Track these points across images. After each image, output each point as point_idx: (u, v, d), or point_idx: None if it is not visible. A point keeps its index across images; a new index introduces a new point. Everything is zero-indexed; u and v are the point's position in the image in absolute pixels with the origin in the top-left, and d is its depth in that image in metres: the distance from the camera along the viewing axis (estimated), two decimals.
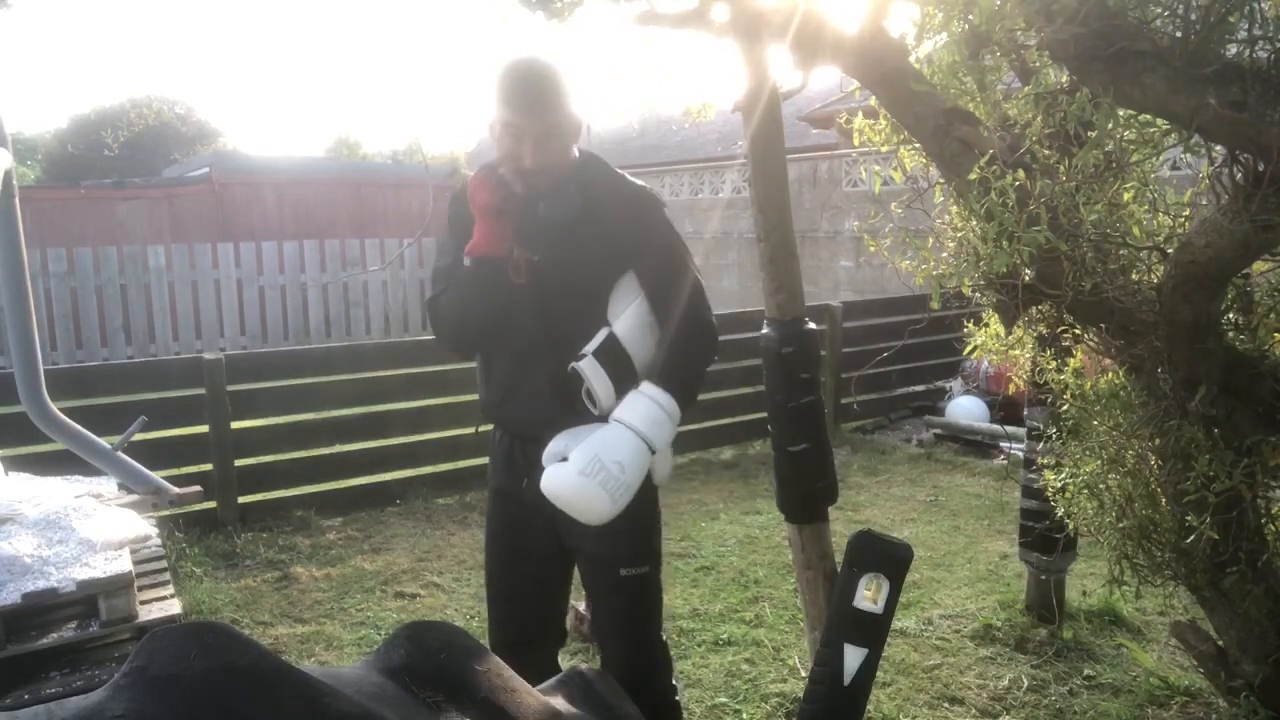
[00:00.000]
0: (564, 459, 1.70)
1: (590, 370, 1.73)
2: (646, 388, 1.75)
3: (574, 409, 1.78)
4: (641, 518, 1.87)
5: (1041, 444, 2.49)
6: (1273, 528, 1.97)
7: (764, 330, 2.14)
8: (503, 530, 1.97)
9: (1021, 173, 1.61)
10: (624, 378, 1.77)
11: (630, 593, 1.90)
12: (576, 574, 2.01)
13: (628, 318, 1.79)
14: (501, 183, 1.74)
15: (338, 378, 4.77)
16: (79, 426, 2.94)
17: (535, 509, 1.84)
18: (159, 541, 2.51)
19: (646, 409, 1.73)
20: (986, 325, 2.33)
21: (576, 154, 1.84)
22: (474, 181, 1.76)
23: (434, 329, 1.93)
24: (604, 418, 1.75)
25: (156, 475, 2.97)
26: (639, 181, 1.88)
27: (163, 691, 0.71)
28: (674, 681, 2.02)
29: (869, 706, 2.29)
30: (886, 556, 1.87)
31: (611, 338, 1.76)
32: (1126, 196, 1.81)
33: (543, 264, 1.78)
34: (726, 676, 2.96)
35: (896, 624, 3.13)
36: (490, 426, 2.00)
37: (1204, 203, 1.76)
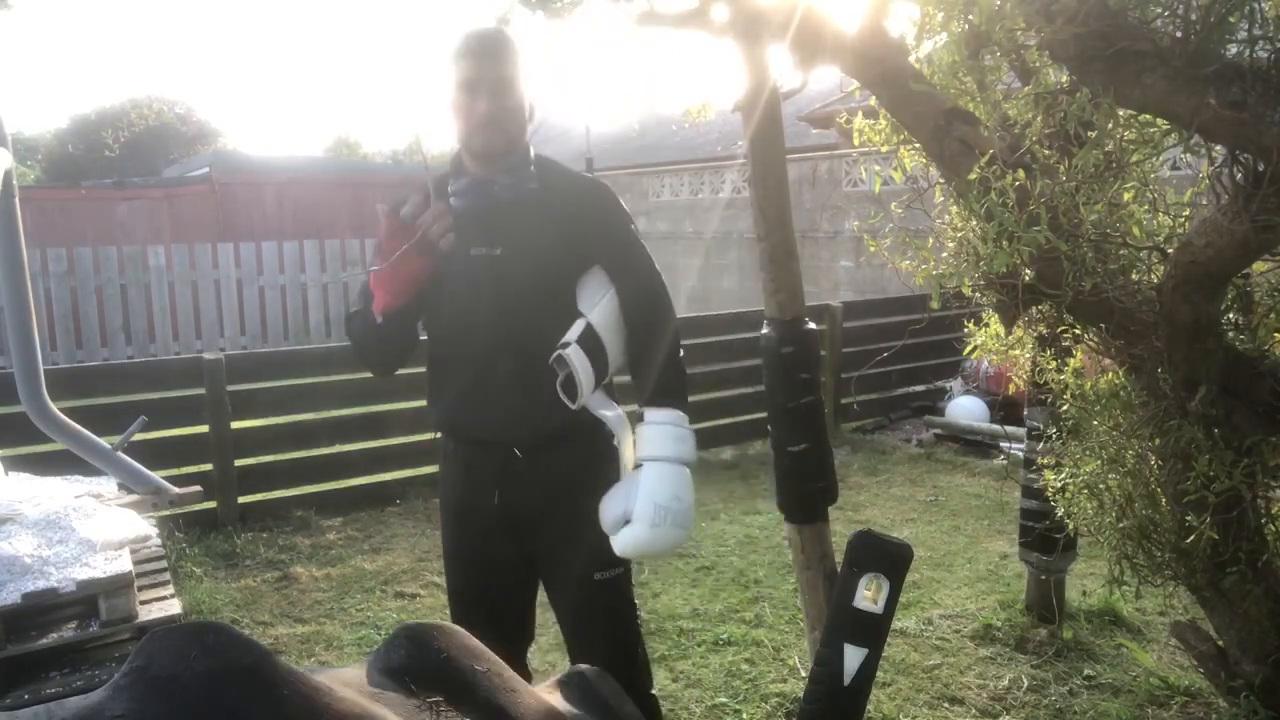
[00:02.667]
0: (627, 521, 1.71)
1: (577, 359, 1.71)
2: (652, 415, 1.77)
3: (542, 406, 1.75)
4: None
5: (1041, 444, 2.49)
6: (1273, 528, 1.97)
7: (764, 330, 2.14)
8: (467, 544, 1.90)
9: (1021, 173, 1.61)
10: (601, 370, 1.75)
11: (606, 596, 1.87)
12: None
13: (602, 309, 1.77)
14: (406, 228, 1.69)
15: (338, 378, 4.77)
16: (79, 426, 2.94)
17: (501, 520, 1.81)
18: (159, 541, 2.51)
19: (665, 435, 1.74)
20: (986, 325, 2.33)
21: (528, 150, 1.82)
22: (383, 228, 1.71)
23: (354, 350, 1.93)
24: (580, 409, 1.75)
25: (156, 475, 2.97)
26: (596, 179, 1.89)
27: (163, 691, 0.71)
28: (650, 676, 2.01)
29: (869, 706, 2.29)
30: (886, 556, 1.87)
31: (590, 328, 1.74)
32: (1126, 196, 1.81)
33: (503, 257, 1.75)
34: (726, 676, 2.96)
35: (896, 624, 3.13)
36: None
37: (1204, 203, 1.76)
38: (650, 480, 1.71)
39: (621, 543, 1.72)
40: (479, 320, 1.77)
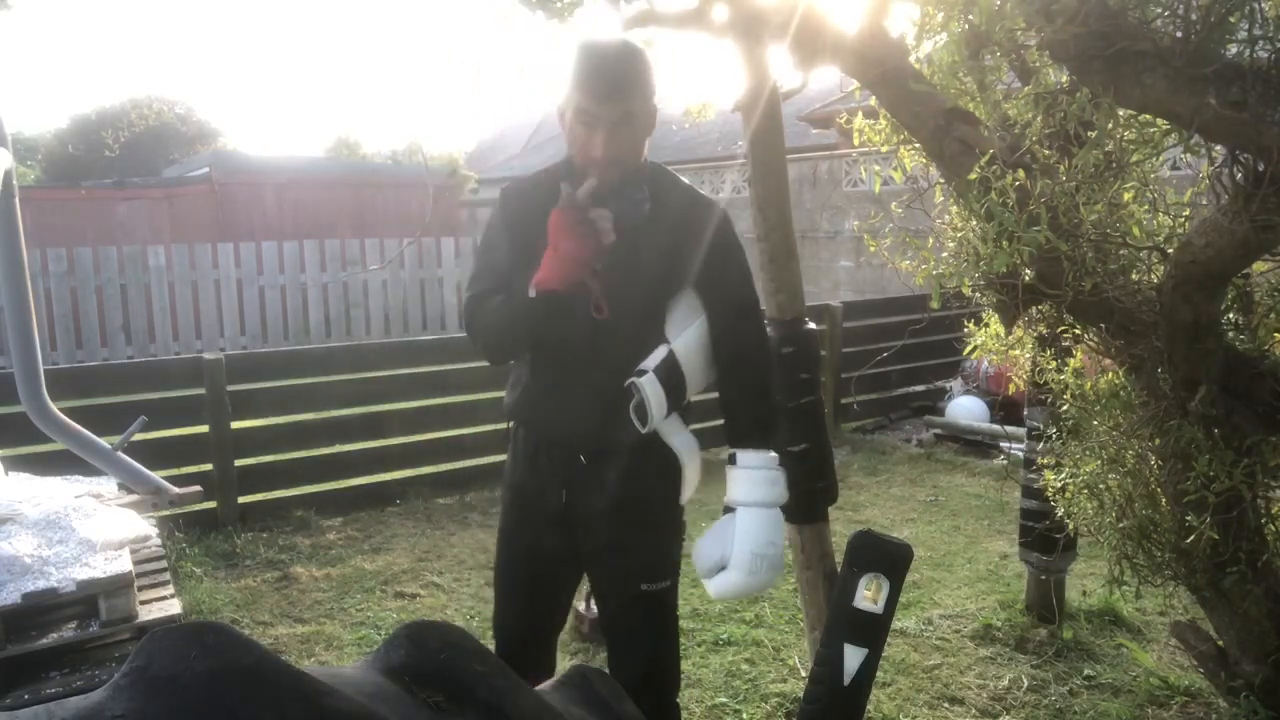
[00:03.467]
0: (722, 568, 1.74)
1: (650, 388, 1.69)
2: (744, 459, 1.76)
3: (618, 421, 1.73)
4: (664, 530, 1.86)
5: (1041, 444, 2.49)
6: (1273, 528, 1.97)
7: None
8: (520, 529, 1.90)
9: (1021, 173, 1.61)
10: (677, 398, 1.74)
11: (649, 608, 1.87)
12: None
13: (688, 338, 1.75)
14: (586, 218, 1.61)
15: (338, 378, 4.77)
16: (79, 426, 2.94)
17: (563, 516, 1.81)
18: (159, 541, 2.51)
19: (758, 480, 1.75)
20: (986, 325, 2.33)
21: (648, 153, 1.75)
22: (559, 214, 1.61)
23: (470, 335, 1.83)
24: (650, 433, 1.74)
25: (156, 475, 2.97)
26: (707, 194, 1.82)
27: (163, 691, 0.71)
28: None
29: (869, 706, 2.29)
30: (886, 556, 1.87)
31: (671, 356, 1.73)
32: (1126, 196, 1.81)
33: (606, 273, 1.69)
34: (726, 676, 2.96)
35: (896, 624, 3.13)
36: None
37: (1204, 203, 1.76)
38: (746, 527, 1.72)
39: (717, 588, 1.75)
40: (572, 329, 1.73)
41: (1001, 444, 5.72)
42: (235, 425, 4.44)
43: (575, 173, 1.72)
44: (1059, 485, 2.26)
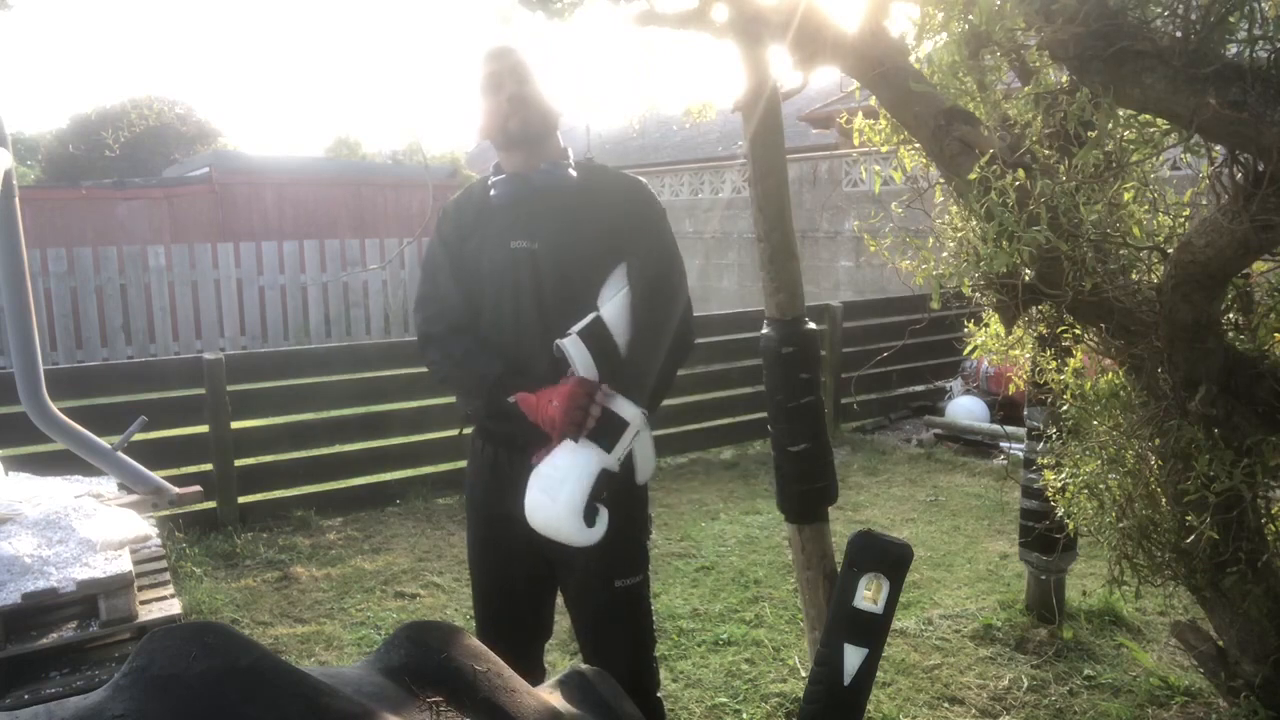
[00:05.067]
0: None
1: (574, 349, 1.69)
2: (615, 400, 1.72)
3: None
4: (632, 524, 1.85)
5: (1041, 444, 2.49)
6: (1273, 528, 1.97)
7: (764, 330, 2.15)
8: (494, 545, 1.91)
9: (1021, 173, 1.61)
10: (608, 364, 1.72)
11: (626, 604, 1.87)
12: None
13: (614, 305, 1.76)
14: (590, 404, 1.65)
15: (337, 378, 4.77)
16: (79, 426, 2.94)
17: (524, 524, 1.80)
18: (159, 541, 2.51)
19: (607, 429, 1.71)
20: (986, 325, 2.33)
21: (566, 148, 1.86)
22: (579, 385, 1.66)
23: (425, 363, 1.90)
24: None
25: (156, 475, 2.97)
26: (637, 177, 1.89)
27: (163, 691, 0.71)
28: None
29: (869, 706, 2.29)
30: (886, 556, 1.87)
31: (598, 320, 1.73)
32: (1126, 196, 1.81)
33: (540, 251, 1.76)
34: (726, 676, 2.96)
35: (896, 624, 3.13)
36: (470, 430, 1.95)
37: (1204, 203, 1.76)
38: (564, 457, 1.67)
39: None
40: (515, 314, 1.78)
41: (1001, 444, 5.72)
42: (235, 425, 4.44)
43: (499, 170, 1.85)
44: (1059, 485, 2.26)
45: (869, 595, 1.85)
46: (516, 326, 1.79)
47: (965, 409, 6.26)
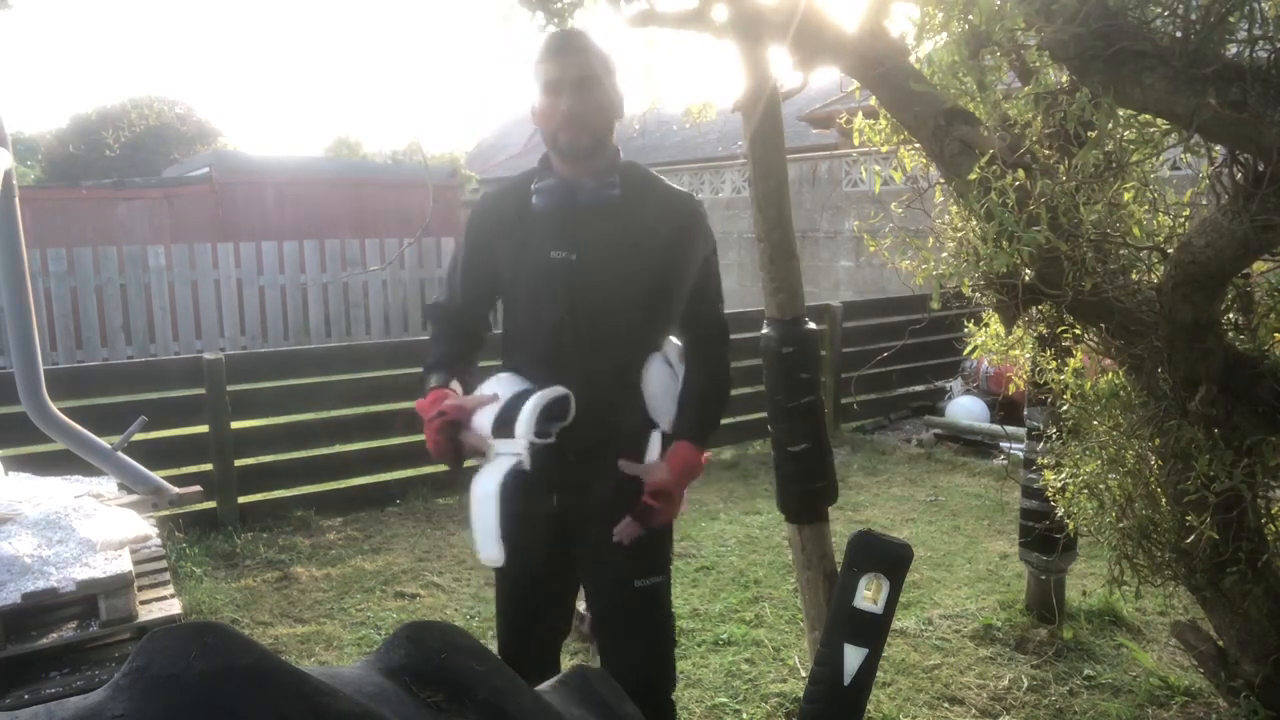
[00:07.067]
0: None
1: (499, 387, 1.77)
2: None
3: (602, 412, 1.75)
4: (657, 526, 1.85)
5: (1041, 444, 2.49)
6: (1273, 528, 1.97)
7: (764, 330, 2.15)
8: (522, 544, 1.86)
9: (1021, 173, 1.61)
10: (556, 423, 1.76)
11: (644, 605, 1.86)
12: None
13: (662, 379, 1.82)
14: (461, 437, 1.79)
15: (338, 378, 4.77)
16: (79, 426, 2.94)
17: (557, 522, 1.82)
18: (159, 541, 2.51)
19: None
20: (986, 325, 2.33)
21: (619, 148, 1.81)
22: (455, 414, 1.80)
23: (429, 333, 1.97)
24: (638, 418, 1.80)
25: (156, 475, 2.97)
26: (679, 188, 1.84)
27: (163, 691, 0.71)
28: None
29: (869, 706, 2.29)
30: (886, 556, 1.87)
31: (565, 399, 1.76)
32: (1126, 196, 1.81)
33: (579, 263, 1.73)
34: (726, 676, 2.96)
35: (896, 624, 3.13)
36: None
37: (1204, 203, 1.76)
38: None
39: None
40: (550, 324, 1.77)
41: (1001, 444, 5.72)
42: (235, 425, 4.44)
43: (546, 168, 1.79)
44: (1059, 485, 2.26)
45: (869, 595, 1.85)
46: (553, 336, 1.77)
47: (965, 409, 6.26)
